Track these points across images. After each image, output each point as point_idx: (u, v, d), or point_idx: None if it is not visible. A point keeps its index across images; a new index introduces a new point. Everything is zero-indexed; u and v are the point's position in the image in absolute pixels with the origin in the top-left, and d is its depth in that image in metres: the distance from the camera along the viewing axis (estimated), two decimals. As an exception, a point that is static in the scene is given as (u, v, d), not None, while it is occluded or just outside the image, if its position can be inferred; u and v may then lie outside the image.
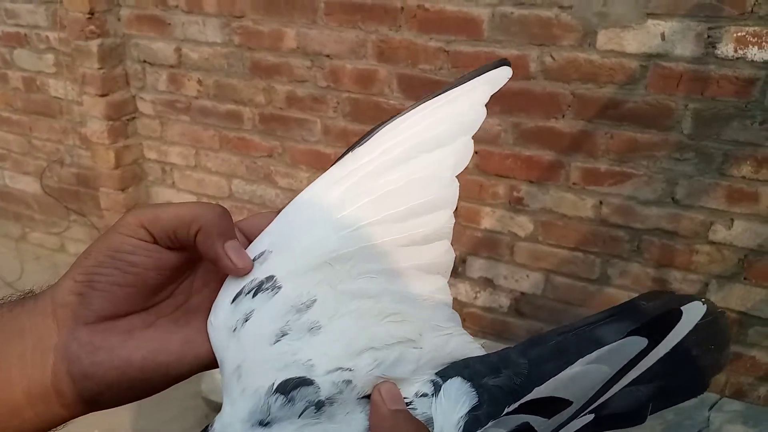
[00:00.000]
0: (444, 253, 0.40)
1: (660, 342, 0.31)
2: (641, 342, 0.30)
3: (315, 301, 0.36)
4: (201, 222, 0.36)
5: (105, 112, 2.14)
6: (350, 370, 0.34)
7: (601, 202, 1.63)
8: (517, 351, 0.36)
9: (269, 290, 0.36)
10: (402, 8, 1.66)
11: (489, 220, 1.79)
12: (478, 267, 1.87)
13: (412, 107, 0.42)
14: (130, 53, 2.13)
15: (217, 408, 1.63)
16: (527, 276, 1.81)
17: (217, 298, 0.38)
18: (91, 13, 2.01)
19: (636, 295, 0.38)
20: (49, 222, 2.66)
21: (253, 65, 1.93)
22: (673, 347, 0.33)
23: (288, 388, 0.34)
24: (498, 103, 1.64)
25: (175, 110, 2.14)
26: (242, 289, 0.36)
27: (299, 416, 0.33)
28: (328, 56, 1.81)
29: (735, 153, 1.47)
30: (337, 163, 0.41)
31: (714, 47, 1.41)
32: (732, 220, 1.52)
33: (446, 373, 0.36)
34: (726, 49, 1.40)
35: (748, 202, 1.49)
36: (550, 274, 1.78)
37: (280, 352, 0.34)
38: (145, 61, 2.12)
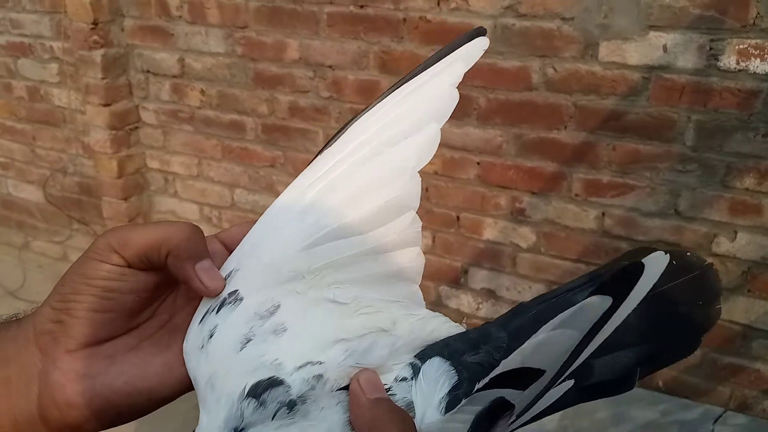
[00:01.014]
0: (414, 259, 0.38)
1: (624, 299, 0.29)
2: (606, 301, 0.29)
3: (279, 306, 0.35)
4: (170, 244, 0.36)
5: (108, 121, 2.14)
6: (320, 363, 0.34)
7: (603, 214, 1.63)
8: (497, 325, 0.35)
9: (231, 303, 0.35)
10: (404, 20, 1.66)
11: (491, 231, 1.79)
12: (480, 278, 1.86)
13: (383, 96, 0.40)
14: (134, 63, 2.14)
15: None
16: (530, 287, 1.80)
17: (191, 323, 0.37)
18: (95, 23, 2.02)
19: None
20: (52, 231, 2.66)
21: (256, 76, 1.94)
22: (657, 306, 0.32)
23: (259, 390, 0.33)
24: (500, 114, 1.64)
25: (178, 120, 2.14)
26: (208, 308, 0.36)
27: (272, 418, 0.33)
28: (330, 67, 1.81)
29: (738, 165, 1.46)
30: (308, 167, 0.40)
31: (716, 59, 1.40)
32: (735, 232, 1.52)
33: (425, 354, 0.35)
34: (728, 61, 1.40)
35: (752, 215, 1.49)
36: (553, 285, 1.77)
37: (248, 356, 0.34)
38: (148, 71, 2.12)
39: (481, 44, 0.40)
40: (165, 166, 2.25)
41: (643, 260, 0.29)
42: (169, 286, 0.39)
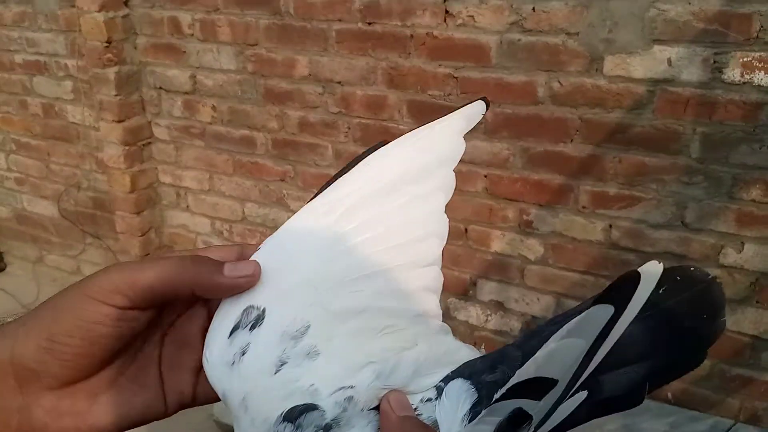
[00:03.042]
0: (433, 277, 0.41)
1: (626, 306, 0.30)
2: (608, 309, 0.29)
3: (309, 326, 0.36)
4: (191, 282, 0.36)
5: (121, 137, 2.18)
6: (351, 387, 0.36)
7: (610, 226, 1.64)
8: (514, 346, 0.37)
9: (261, 321, 0.37)
10: (411, 36, 1.69)
11: (499, 243, 1.80)
12: (488, 290, 1.87)
13: (395, 141, 0.43)
14: (147, 80, 2.18)
15: (228, 430, 1.63)
16: (538, 299, 1.81)
17: (210, 334, 0.38)
18: (109, 41, 2.07)
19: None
20: (66, 245, 2.70)
21: (267, 92, 1.97)
22: (663, 321, 0.33)
23: (294, 415, 0.34)
24: (507, 127, 1.66)
25: (190, 135, 2.18)
26: (238, 323, 0.37)
27: None
28: (339, 83, 1.84)
29: (744, 177, 1.47)
30: (325, 191, 0.41)
31: (720, 72, 1.42)
32: (742, 243, 1.52)
33: (448, 377, 0.37)
34: (732, 74, 1.41)
35: (759, 226, 1.49)
36: (561, 297, 1.78)
37: (283, 381, 0.35)
38: (160, 88, 2.16)
39: (480, 108, 0.44)
40: (177, 181, 2.28)
41: (639, 270, 0.30)
42: (156, 320, 0.39)
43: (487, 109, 0.44)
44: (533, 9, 1.53)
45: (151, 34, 2.10)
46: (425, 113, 1.74)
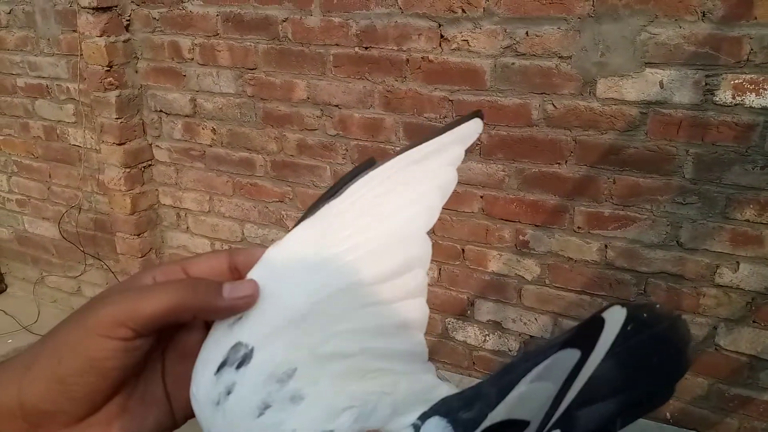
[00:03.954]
0: (419, 309, 0.41)
1: (592, 350, 0.31)
2: (574, 354, 0.31)
3: (295, 370, 0.37)
4: (193, 307, 0.36)
5: (122, 159, 2.20)
6: (332, 431, 0.36)
7: (606, 246, 1.65)
8: (489, 382, 0.37)
9: (248, 360, 0.37)
10: (407, 60, 1.71)
11: (496, 263, 1.81)
12: (486, 310, 1.88)
13: (386, 160, 0.43)
14: (147, 103, 2.21)
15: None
16: (536, 319, 1.81)
17: (197, 367, 0.38)
18: (110, 65, 2.10)
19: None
20: (66, 266, 2.71)
21: (266, 115, 1.99)
22: (631, 358, 0.34)
23: None
24: (502, 149, 1.68)
25: (190, 158, 2.20)
26: (226, 359, 0.37)
27: None
28: (337, 106, 1.86)
29: (738, 197, 1.48)
30: (311, 217, 0.41)
31: (712, 94, 1.44)
32: (738, 263, 1.53)
33: (425, 415, 0.38)
34: (724, 95, 1.43)
35: (753, 245, 1.50)
36: (559, 317, 1.78)
37: (266, 424, 0.36)
38: (161, 111, 2.19)
39: (476, 126, 0.43)
40: (177, 203, 2.30)
41: (602, 315, 0.31)
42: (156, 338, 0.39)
43: (483, 125, 0.43)
44: (526, 33, 1.56)
45: (151, 58, 2.13)
46: (421, 135, 1.75)
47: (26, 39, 2.38)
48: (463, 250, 1.84)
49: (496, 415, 0.33)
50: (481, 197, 1.75)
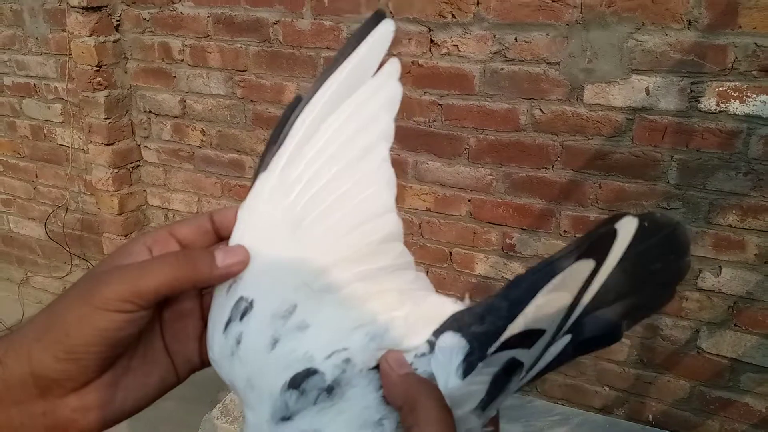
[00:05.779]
0: (391, 223, 0.43)
1: (605, 260, 0.33)
2: (589, 264, 0.33)
3: (296, 306, 0.39)
4: (192, 279, 0.38)
5: (110, 160, 2.19)
6: (345, 349, 0.38)
7: (592, 250, 1.67)
8: (499, 297, 0.39)
9: (249, 311, 0.39)
10: (397, 63, 1.72)
11: (483, 266, 1.82)
12: (473, 313, 1.89)
13: (313, 92, 0.43)
14: (136, 104, 2.20)
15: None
16: (522, 322, 1.83)
17: (208, 335, 0.40)
18: (99, 65, 2.09)
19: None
20: (52, 266, 2.69)
21: (255, 117, 2.00)
22: (635, 264, 0.36)
23: (297, 382, 0.37)
24: (490, 153, 1.70)
25: (179, 158, 2.20)
26: (231, 316, 0.39)
27: (314, 403, 0.37)
28: (326, 108, 1.86)
29: (721, 202, 1.51)
30: (266, 171, 0.43)
31: (697, 101, 1.46)
32: (720, 267, 1.56)
33: (438, 331, 0.39)
34: (709, 103, 1.45)
35: (735, 250, 1.53)
36: (545, 320, 1.80)
37: (280, 354, 0.38)
38: (150, 112, 2.19)
39: (389, 27, 0.42)
40: (166, 204, 2.30)
41: (615, 226, 0.34)
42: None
43: (392, 23, 0.43)
44: (515, 39, 1.58)
45: (141, 58, 2.13)
46: (411, 139, 1.77)
47: (14, 37, 2.37)
48: (450, 253, 1.85)
49: (515, 327, 0.34)
50: (469, 200, 1.77)
